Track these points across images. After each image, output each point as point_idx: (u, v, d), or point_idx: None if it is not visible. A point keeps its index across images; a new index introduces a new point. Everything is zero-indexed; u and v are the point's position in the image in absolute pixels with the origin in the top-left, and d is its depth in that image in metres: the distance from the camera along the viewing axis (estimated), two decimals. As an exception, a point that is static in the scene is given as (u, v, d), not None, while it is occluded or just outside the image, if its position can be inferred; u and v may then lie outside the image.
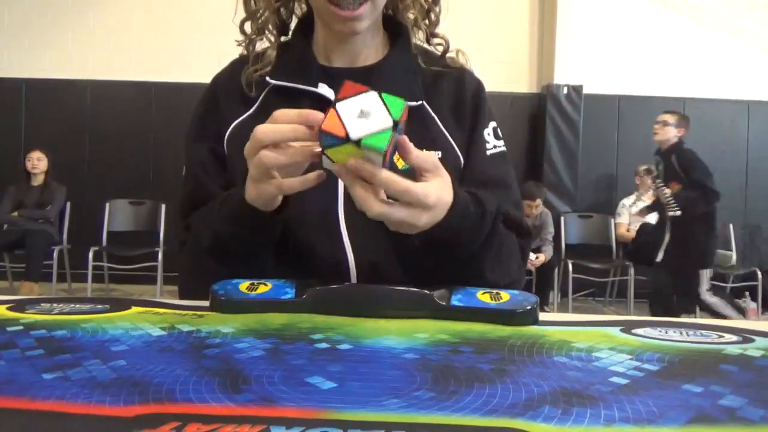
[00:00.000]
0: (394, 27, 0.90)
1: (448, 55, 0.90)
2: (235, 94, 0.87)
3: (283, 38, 0.89)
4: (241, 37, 0.90)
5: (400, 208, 0.61)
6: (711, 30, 5.66)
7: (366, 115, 0.55)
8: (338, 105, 0.55)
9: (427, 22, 0.90)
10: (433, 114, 0.86)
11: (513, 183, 0.89)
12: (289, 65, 0.86)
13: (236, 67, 0.90)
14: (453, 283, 0.67)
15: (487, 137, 0.88)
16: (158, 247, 4.81)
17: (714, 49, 5.68)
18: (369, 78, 0.85)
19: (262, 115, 0.85)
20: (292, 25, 0.92)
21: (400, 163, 0.62)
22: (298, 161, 0.63)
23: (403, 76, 0.87)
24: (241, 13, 0.90)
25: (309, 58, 0.87)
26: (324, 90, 0.84)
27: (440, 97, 0.88)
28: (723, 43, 5.67)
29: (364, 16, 0.79)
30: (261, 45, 0.90)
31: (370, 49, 0.88)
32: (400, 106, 0.55)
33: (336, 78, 0.85)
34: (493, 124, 0.89)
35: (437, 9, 0.90)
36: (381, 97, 0.56)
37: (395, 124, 0.55)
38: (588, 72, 5.53)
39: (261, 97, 0.86)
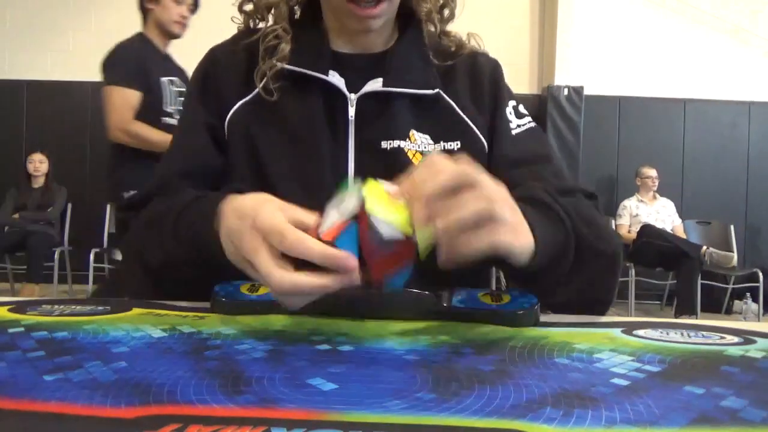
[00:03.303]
0: (405, 13, 0.86)
1: (458, 36, 0.88)
2: (235, 73, 0.83)
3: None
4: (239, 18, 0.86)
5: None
6: (712, 31, 5.66)
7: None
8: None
9: (439, 17, 0.87)
10: (451, 102, 0.83)
11: (550, 155, 0.84)
12: (298, 49, 0.82)
13: (239, 42, 0.85)
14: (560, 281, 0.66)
15: (509, 116, 0.85)
16: (159, 249, 4.81)
17: (715, 50, 5.68)
18: (381, 64, 0.83)
19: (264, 101, 0.80)
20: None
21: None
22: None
23: (415, 62, 0.84)
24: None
25: (320, 42, 0.83)
26: (334, 79, 0.81)
27: (456, 84, 0.85)
28: (724, 44, 5.68)
29: (381, 14, 0.78)
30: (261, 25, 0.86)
31: (382, 37, 0.86)
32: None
33: (347, 64, 0.83)
34: (512, 103, 0.87)
35: (453, 5, 0.88)
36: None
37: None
38: (589, 73, 5.53)
39: (265, 80, 0.81)
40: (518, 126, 0.85)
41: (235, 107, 0.82)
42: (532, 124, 0.86)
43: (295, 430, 0.34)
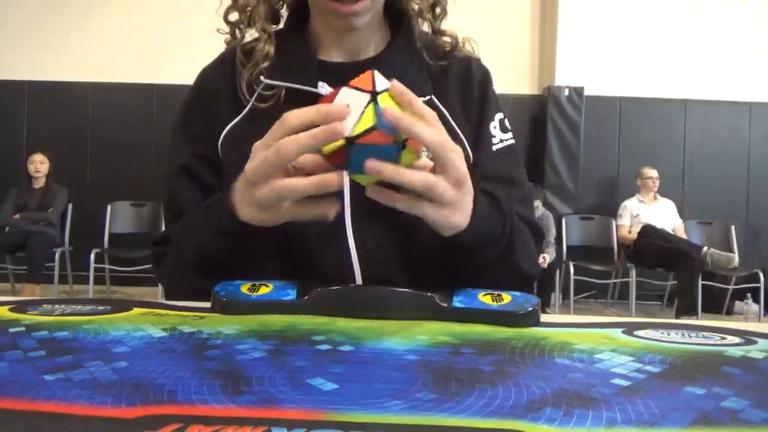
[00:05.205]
0: (395, 14, 0.85)
1: (454, 34, 0.86)
2: (225, 91, 0.83)
3: (274, 27, 0.83)
4: (225, 28, 0.85)
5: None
6: (712, 31, 5.66)
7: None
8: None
9: (431, 15, 0.85)
10: (443, 109, 0.82)
11: (522, 178, 0.86)
12: (283, 62, 0.81)
13: (226, 59, 0.85)
14: (474, 283, 0.68)
15: (493, 131, 0.85)
16: (160, 249, 4.81)
17: (715, 51, 5.68)
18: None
19: (256, 118, 0.80)
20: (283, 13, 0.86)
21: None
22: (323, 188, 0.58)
23: (406, 69, 0.82)
24: (226, 2, 0.85)
25: (305, 53, 0.82)
26: (324, 89, 0.79)
27: (448, 90, 0.84)
28: (724, 45, 5.68)
29: (363, 11, 0.76)
30: (248, 33, 0.85)
31: (372, 41, 0.84)
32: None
33: (336, 74, 0.80)
34: (499, 115, 0.86)
35: (444, 2, 0.86)
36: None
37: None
38: (589, 73, 5.54)
39: (254, 98, 0.80)
40: (501, 141, 0.85)
41: (228, 127, 0.81)
42: (512, 141, 0.87)
43: (296, 430, 0.34)
